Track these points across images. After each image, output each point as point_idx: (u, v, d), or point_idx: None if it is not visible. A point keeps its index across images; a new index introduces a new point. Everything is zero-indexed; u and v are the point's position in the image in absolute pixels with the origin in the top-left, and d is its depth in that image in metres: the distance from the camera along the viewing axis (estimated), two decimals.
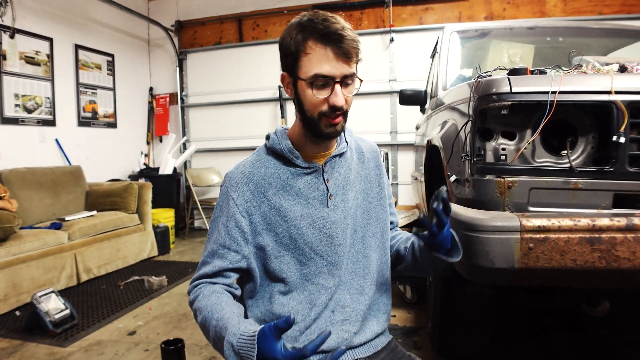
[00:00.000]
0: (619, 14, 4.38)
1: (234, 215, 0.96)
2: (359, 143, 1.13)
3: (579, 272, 1.13)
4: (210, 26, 5.63)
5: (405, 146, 4.92)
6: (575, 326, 2.31)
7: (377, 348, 1.04)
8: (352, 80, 0.92)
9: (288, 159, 0.99)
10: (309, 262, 0.97)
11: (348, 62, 0.89)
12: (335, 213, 0.99)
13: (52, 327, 2.38)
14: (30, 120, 4.05)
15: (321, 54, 0.88)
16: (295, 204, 0.97)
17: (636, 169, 1.20)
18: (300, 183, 0.99)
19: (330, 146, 1.03)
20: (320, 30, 0.87)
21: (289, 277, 0.97)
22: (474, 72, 2.21)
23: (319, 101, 0.90)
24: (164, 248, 4.36)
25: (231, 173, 1.01)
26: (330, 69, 0.88)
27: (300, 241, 0.96)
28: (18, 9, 3.85)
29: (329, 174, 1.01)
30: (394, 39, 4.92)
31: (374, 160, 1.13)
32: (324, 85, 0.89)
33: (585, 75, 1.31)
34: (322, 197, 0.99)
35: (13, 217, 2.91)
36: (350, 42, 0.88)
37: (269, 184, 0.98)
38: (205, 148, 5.66)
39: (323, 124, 0.92)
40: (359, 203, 1.04)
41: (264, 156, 1.02)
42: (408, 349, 2.12)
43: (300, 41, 0.89)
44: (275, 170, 0.99)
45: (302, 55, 0.89)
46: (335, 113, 0.91)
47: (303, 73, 0.90)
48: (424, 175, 2.29)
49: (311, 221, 0.97)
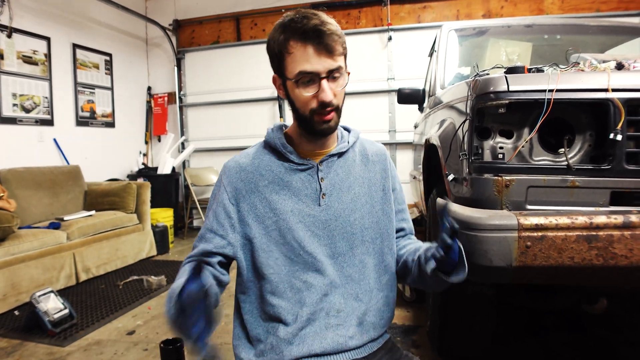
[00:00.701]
0: (616, 11, 4.38)
1: (222, 202, 0.98)
2: (365, 145, 1.11)
3: (577, 270, 1.13)
4: (208, 25, 5.62)
5: (403, 145, 4.92)
6: (575, 326, 2.31)
7: (374, 348, 1.02)
8: (339, 74, 0.91)
9: (282, 154, 1.00)
10: (297, 258, 0.96)
11: (331, 56, 0.89)
12: (327, 213, 0.98)
13: (51, 326, 2.38)
14: (28, 120, 4.04)
15: (302, 52, 0.88)
16: (286, 198, 0.97)
17: (633, 166, 1.20)
18: (294, 179, 0.99)
19: (328, 144, 1.02)
20: (299, 28, 0.88)
21: (277, 273, 0.96)
22: (472, 71, 2.22)
23: (307, 98, 0.91)
24: (162, 248, 4.36)
25: (227, 162, 1.03)
26: (313, 64, 0.88)
27: (289, 236, 0.96)
28: (15, 8, 3.84)
29: (324, 173, 1.00)
30: (392, 37, 4.91)
31: (380, 164, 1.09)
32: (310, 82, 0.90)
33: (583, 73, 1.31)
34: (315, 195, 0.99)
35: (12, 216, 2.91)
36: (331, 36, 0.88)
37: (261, 176, 0.99)
38: (203, 147, 5.66)
39: (315, 121, 0.93)
40: (357, 206, 1.01)
41: (261, 150, 1.03)
42: (407, 347, 2.12)
43: (282, 42, 0.90)
44: (269, 163, 1.00)
45: (286, 56, 0.90)
46: (326, 109, 0.91)
47: (289, 73, 0.91)
48: (423, 173, 2.30)
49: (301, 217, 0.97)
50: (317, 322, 0.96)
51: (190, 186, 5.16)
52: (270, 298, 0.97)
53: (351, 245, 1.00)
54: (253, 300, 1.00)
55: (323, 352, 0.94)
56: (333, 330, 0.96)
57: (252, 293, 1.00)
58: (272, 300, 0.96)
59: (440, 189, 1.77)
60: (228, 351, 2.19)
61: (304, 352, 0.93)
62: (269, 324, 0.98)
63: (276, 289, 0.96)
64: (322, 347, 0.94)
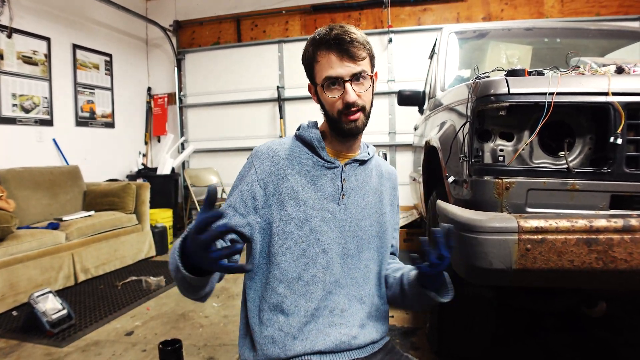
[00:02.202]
0: (616, 15, 4.40)
1: (250, 182, 1.01)
2: (380, 162, 1.18)
3: (576, 273, 1.13)
4: (208, 26, 5.62)
5: (403, 147, 4.93)
6: (576, 328, 2.31)
7: (375, 349, 1.05)
8: (363, 78, 0.98)
9: (314, 148, 1.05)
10: (310, 250, 0.99)
11: (354, 61, 0.97)
12: (344, 213, 1.03)
13: (49, 327, 2.37)
14: (27, 120, 4.04)
15: (327, 59, 0.98)
16: (310, 191, 1.01)
17: (633, 170, 1.20)
18: (319, 174, 1.03)
19: (354, 148, 1.09)
20: (324, 38, 0.97)
21: (287, 261, 0.98)
22: (472, 73, 2.22)
23: (333, 100, 0.99)
24: (162, 248, 4.36)
25: (259, 147, 1.06)
26: (336, 69, 0.96)
27: (306, 227, 0.99)
28: (16, 9, 3.84)
29: (347, 175, 1.05)
30: (392, 39, 4.92)
31: (391, 182, 1.17)
32: (335, 86, 0.98)
33: (583, 77, 1.31)
34: (336, 194, 1.03)
35: (10, 217, 2.90)
36: (352, 43, 0.96)
37: (291, 165, 1.03)
38: (203, 148, 5.65)
39: (343, 121, 1.00)
40: (369, 213, 1.07)
41: (293, 141, 1.08)
42: (406, 349, 2.12)
43: (311, 53, 1.01)
44: (299, 155, 1.05)
45: (315, 65, 1.00)
46: (351, 110, 0.98)
47: (318, 79, 1.01)
48: (422, 175, 2.30)
49: (320, 212, 1.01)
50: (321, 319, 0.99)
51: (190, 187, 5.15)
52: (276, 286, 0.99)
53: (360, 249, 1.05)
54: (258, 287, 1.02)
55: (326, 350, 0.96)
56: (336, 329, 0.99)
57: (259, 280, 1.02)
58: (277, 288, 0.98)
59: (440, 191, 1.77)
60: (226, 352, 2.19)
61: (307, 348, 0.96)
62: (270, 312, 0.99)
63: (284, 278, 0.98)
64: (325, 344, 0.96)
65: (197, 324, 2.56)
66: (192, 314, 2.71)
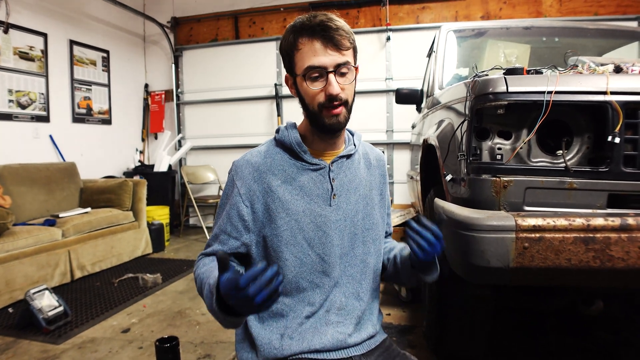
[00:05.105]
0: (614, 15, 4.41)
1: (236, 204, 0.97)
2: (367, 149, 1.14)
3: (574, 271, 1.13)
4: (206, 23, 5.60)
5: (401, 145, 4.93)
6: (574, 327, 2.31)
7: (372, 346, 1.04)
8: (347, 69, 0.92)
9: (295, 153, 0.99)
10: (306, 258, 0.97)
11: (339, 50, 0.90)
12: (337, 213, 1.00)
13: (45, 324, 2.36)
14: (24, 116, 4.02)
15: (310, 47, 0.90)
16: (298, 198, 0.97)
17: (631, 169, 1.21)
18: (305, 178, 0.99)
19: (337, 145, 1.03)
20: (307, 25, 0.90)
21: (285, 274, 0.97)
22: (471, 72, 2.21)
23: (315, 93, 0.92)
24: (158, 245, 4.35)
25: (238, 161, 1.01)
26: (320, 58, 0.90)
27: (299, 236, 0.96)
28: (12, 4, 3.82)
29: (335, 174, 1.01)
30: (390, 37, 4.91)
31: (380, 169, 1.14)
32: (318, 76, 0.91)
33: (581, 76, 1.31)
34: (326, 195, 0.99)
35: (6, 213, 2.89)
36: (337, 31, 0.90)
37: (274, 175, 0.98)
38: (200, 145, 5.64)
39: (324, 115, 0.93)
40: (360, 208, 1.04)
41: (273, 148, 1.02)
42: (403, 347, 2.12)
43: (292, 41, 0.93)
44: (281, 162, 0.99)
45: (295, 53, 0.93)
46: (333, 103, 0.92)
47: (298, 69, 0.93)
48: (420, 174, 2.30)
49: (312, 217, 0.97)
50: (317, 318, 0.98)
51: (187, 184, 5.13)
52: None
53: (354, 245, 1.03)
54: None
55: (322, 348, 0.96)
56: (333, 327, 0.98)
57: None
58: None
59: (438, 189, 1.77)
60: (223, 350, 2.19)
61: (304, 347, 0.95)
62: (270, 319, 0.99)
63: (283, 289, 0.97)
64: (321, 343, 0.96)
65: (194, 321, 2.55)
66: (189, 311, 2.71)
